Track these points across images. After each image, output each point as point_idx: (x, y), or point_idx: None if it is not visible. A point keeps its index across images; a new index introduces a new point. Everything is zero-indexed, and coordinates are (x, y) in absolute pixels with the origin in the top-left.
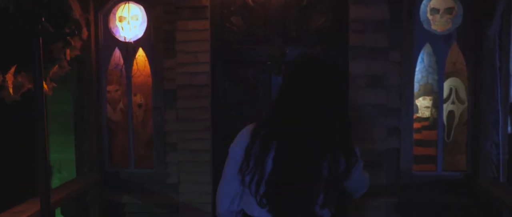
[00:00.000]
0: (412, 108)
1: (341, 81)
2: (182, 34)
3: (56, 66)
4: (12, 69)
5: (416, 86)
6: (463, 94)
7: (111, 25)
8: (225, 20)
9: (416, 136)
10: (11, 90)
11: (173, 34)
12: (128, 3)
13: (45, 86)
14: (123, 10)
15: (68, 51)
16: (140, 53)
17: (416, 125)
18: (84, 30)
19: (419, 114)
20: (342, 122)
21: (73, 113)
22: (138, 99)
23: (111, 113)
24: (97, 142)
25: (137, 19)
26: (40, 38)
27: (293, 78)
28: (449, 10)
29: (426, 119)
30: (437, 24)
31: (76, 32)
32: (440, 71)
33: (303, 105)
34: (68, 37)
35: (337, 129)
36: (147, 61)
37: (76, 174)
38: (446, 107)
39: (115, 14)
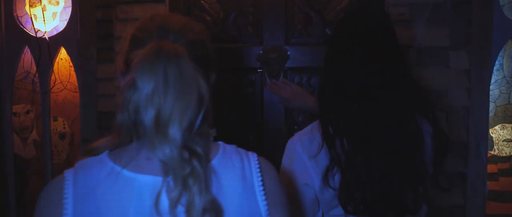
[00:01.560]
0: (485, 142)
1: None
2: (123, 25)
3: None
4: None
5: (491, 107)
6: None
7: (18, 12)
8: (193, 5)
9: (491, 185)
10: None
11: (111, 25)
12: None
13: None
14: None
15: None
16: (63, 55)
17: (490, 168)
18: None
19: (495, 152)
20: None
21: None
22: (59, 125)
23: (19, 147)
24: None
25: (57, 4)
26: None
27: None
28: None
29: (506, 159)
30: None
31: None
32: None
33: (369, 84)
34: None
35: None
36: (72, 68)
37: None
38: None
39: None
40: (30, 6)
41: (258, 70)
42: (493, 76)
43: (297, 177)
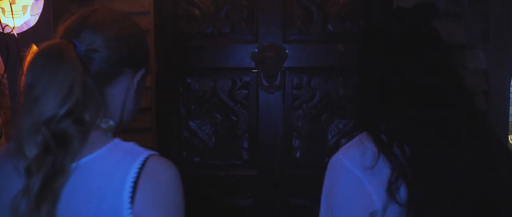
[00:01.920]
0: None
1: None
2: None
3: None
4: None
5: (511, 111)
6: None
7: None
8: None
9: None
10: None
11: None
12: None
13: None
14: None
15: None
16: None
17: None
18: None
19: None
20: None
21: None
22: None
23: None
24: None
25: None
26: None
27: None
28: None
29: None
30: None
31: None
32: None
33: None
34: None
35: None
36: None
37: None
38: None
39: None
40: None
41: (253, 70)
42: None
43: (350, 205)
